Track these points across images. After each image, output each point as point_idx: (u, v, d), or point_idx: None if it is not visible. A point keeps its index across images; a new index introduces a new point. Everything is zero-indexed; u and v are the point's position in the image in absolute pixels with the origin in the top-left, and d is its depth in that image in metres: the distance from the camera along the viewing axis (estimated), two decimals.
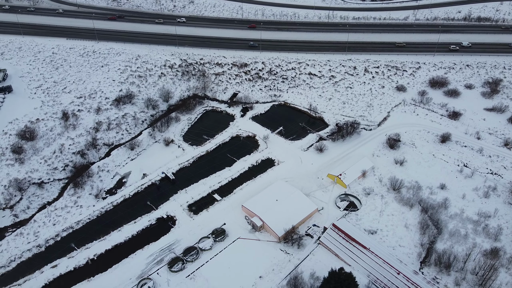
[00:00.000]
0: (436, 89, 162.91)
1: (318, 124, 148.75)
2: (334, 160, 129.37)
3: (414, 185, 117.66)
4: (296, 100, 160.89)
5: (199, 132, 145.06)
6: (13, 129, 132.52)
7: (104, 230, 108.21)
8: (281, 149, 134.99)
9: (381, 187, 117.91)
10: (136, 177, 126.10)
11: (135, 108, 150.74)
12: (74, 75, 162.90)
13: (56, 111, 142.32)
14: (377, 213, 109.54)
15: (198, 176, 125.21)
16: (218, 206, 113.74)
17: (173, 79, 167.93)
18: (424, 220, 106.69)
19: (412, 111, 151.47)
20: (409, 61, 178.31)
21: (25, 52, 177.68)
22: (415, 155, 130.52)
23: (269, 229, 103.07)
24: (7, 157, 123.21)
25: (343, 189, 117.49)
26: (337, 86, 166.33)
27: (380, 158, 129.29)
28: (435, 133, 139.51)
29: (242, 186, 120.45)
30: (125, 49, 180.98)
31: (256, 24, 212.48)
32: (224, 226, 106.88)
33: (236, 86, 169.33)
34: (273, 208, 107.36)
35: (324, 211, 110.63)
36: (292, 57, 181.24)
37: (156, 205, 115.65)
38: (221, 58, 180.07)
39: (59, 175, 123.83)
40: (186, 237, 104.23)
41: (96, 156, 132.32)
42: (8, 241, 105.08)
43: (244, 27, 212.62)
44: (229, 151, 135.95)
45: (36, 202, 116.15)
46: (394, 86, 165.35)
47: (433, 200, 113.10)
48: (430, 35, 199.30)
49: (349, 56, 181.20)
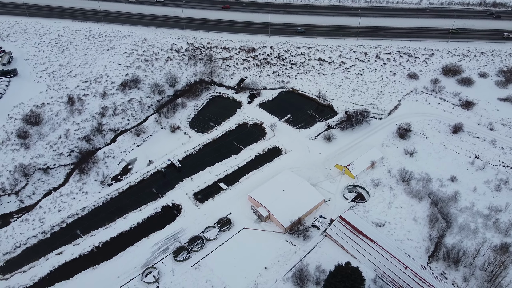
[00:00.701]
0: (449, 77, 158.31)
1: (326, 112, 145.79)
2: (343, 149, 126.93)
3: (424, 177, 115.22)
4: (304, 86, 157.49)
5: (205, 119, 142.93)
6: (19, 113, 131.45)
7: (109, 217, 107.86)
8: (289, 137, 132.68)
9: (390, 178, 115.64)
10: (142, 163, 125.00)
11: (141, 93, 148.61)
12: (79, 59, 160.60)
13: (61, 95, 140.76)
14: (385, 205, 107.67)
15: (204, 164, 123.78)
16: (223, 195, 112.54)
17: (180, 64, 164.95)
18: (433, 213, 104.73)
19: (424, 99, 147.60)
20: (422, 47, 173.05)
21: (31, 34, 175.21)
22: (426, 146, 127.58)
23: (275, 219, 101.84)
24: (12, 142, 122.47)
25: (351, 180, 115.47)
26: (347, 72, 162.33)
27: (389, 148, 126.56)
28: (447, 123, 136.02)
29: (248, 175, 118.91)
30: (131, 32, 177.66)
31: (264, 6, 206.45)
32: (230, 215, 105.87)
33: (244, 71, 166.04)
34: (279, 199, 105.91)
35: (331, 202, 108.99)
36: (302, 42, 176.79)
37: (161, 192, 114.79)
38: (228, 42, 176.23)
39: (65, 160, 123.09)
40: (191, 226, 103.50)
41: (101, 141, 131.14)
42: (14, 227, 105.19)
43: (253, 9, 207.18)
44: (235, 139, 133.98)
45: (42, 188, 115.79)
46: (406, 73, 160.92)
47: (443, 193, 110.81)
48: (444, 20, 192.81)
49: (360, 42, 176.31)
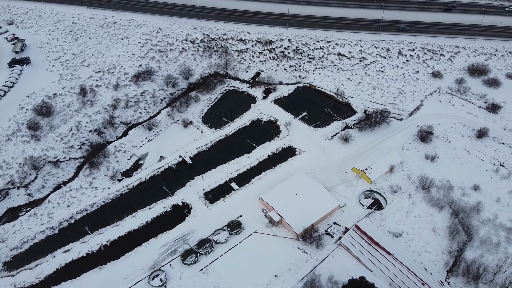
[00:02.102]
0: (475, 77, 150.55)
1: (344, 111, 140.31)
2: (360, 152, 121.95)
3: (445, 185, 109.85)
4: (322, 82, 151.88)
5: (218, 114, 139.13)
6: (30, 103, 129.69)
7: (118, 214, 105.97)
8: (304, 136, 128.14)
9: (409, 184, 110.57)
10: (153, 159, 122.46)
11: (154, 86, 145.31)
12: (93, 48, 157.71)
13: (74, 86, 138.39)
14: (404, 213, 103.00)
15: (216, 162, 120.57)
16: (235, 196, 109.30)
17: (194, 55, 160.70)
18: (454, 225, 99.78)
19: (447, 100, 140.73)
20: (448, 44, 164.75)
21: (45, 21, 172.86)
22: (448, 151, 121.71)
23: (287, 225, 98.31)
24: (23, 133, 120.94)
25: (368, 185, 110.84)
26: (367, 69, 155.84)
27: (410, 152, 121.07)
28: (471, 126, 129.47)
29: (261, 176, 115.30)
30: (146, 21, 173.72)
31: None
32: (240, 218, 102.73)
33: (260, 65, 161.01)
34: (292, 203, 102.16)
35: (346, 208, 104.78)
36: (321, 35, 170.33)
37: (172, 190, 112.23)
38: (245, 34, 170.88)
39: (75, 154, 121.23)
40: (201, 228, 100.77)
41: (113, 135, 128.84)
42: (22, 221, 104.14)
43: None
44: (249, 136, 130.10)
45: (51, 181, 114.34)
46: (430, 72, 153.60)
47: (465, 203, 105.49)
48: (472, 16, 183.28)
49: (383, 37, 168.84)
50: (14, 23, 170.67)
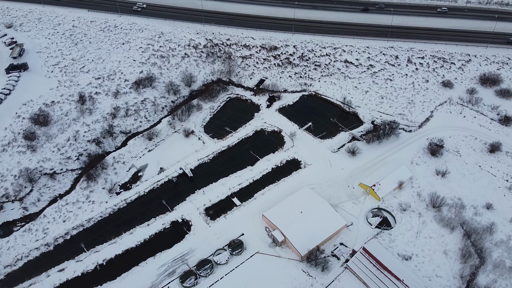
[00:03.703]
0: (486, 87, 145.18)
1: (351, 121, 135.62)
2: (368, 166, 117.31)
3: (457, 203, 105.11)
4: (328, 91, 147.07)
5: (221, 123, 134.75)
6: (27, 112, 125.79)
7: (115, 231, 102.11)
8: (309, 148, 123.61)
9: (419, 202, 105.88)
10: (152, 171, 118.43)
11: (155, 93, 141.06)
12: (93, 53, 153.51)
13: (72, 93, 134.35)
14: (413, 234, 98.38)
15: (218, 175, 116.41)
16: (237, 212, 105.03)
17: (197, 61, 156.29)
18: (466, 247, 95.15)
19: (458, 112, 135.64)
20: (458, 52, 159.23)
21: (45, 24, 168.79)
22: (459, 166, 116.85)
23: (291, 245, 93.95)
24: (19, 143, 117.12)
25: (376, 202, 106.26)
26: (375, 77, 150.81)
27: (419, 166, 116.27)
28: (483, 140, 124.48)
29: (264, 191, 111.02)
30: (148, 25, 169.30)
31: None
32: (242, 237, 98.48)
33: (264, 71, 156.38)
34: (296, 221, 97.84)
35: (353, 227, 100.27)
36: (327, 41, 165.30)
37: (171, 205, 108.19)
38: (249, 39, 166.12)
39: (73, 165, 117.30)
40: (201, 247, 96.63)
41: (112, 145, 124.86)
42: (16, 237, 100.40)
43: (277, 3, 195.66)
44: (252, 147, 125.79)
45: (47, 194, 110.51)
46: (440, 81, 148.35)
47: (478, 223, 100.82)
48: (483, 22, 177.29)
49: (391, 43, 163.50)
50: (13, 26, 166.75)
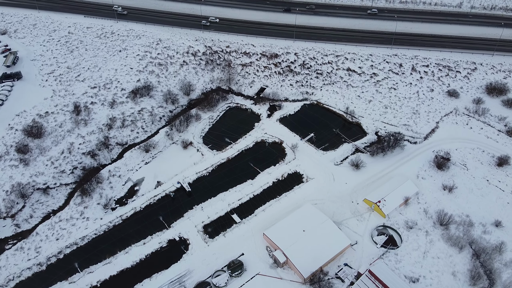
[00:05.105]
0: (493, 96, 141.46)
1: (354, 132, 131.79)
2: (372, 180, 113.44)
3: (465, 220, 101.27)
4: (330, 100, 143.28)
5: (220, 134, 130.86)
6: (20, 123, 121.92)
7: (110, 249, 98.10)
8: (311, 161, 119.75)
9: (426, 220, 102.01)
10: (149, 185, 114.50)
11: (153, 102, 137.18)
12: (89, 60, 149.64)
13: (67, 103, 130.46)
14: (420, 254, 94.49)
15: (217, 189, 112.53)
16: (236, 230, 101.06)
17: (196, 69, 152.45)
18: (475, 268, 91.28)
19: (464, 123, 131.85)
20: (464, 60, 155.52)
21: (40, 30, 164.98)
22: (467, 180, 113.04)
23: (294, 267, 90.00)
24: (11, 157, 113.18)
25: (381, 219, 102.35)
26: (379, 86, 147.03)
27: (425, 181, 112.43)
28: (491, 153, 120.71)
29: (265, 207, 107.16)
30: (145, 31, 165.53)
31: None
32: (242, 257, 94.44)
33: (264, 79, 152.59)
34: (299, 241, 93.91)
35: (358, 246, 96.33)
36: (329, 49, 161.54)
37: (168, 222, 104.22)
38: (249, 47, 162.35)
39: (67, 179, 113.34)
40: (199, 268, 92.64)
41: (107, 157, 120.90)
42: (8, 256, 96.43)
43: (278, 9, 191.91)
44: (252, 160, 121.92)
45: (40, 210, 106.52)
46: (445, 90, 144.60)
47: (486, 242, 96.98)
48: (488, 28, 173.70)
49: (395, 51, 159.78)
50: (8, 33, 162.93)
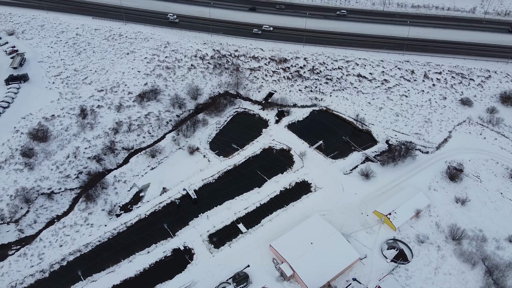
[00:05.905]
0: (508, 106, 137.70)
1: (364, 140, 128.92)
2: (383, 190, 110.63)
3: (478, 235, 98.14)
4: (340, 106, 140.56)
5: (227, 140, 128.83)
6: (26, 126, 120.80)
7: (114, 257, 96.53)
8: (320, 169, 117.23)
9: (438, 234, 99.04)
10: (154, 191, 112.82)
11: (160, 106, 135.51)
12: (97, 63, 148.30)
13: (73, 106, 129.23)
14: (432, 270, 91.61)
15: (223, 197, 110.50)
16: (242, 241, 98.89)
17: (204, 73, 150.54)
18: (488, 286, 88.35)
19: (478, 132, 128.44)
20: (478, 67, 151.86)
21: (48, 32, 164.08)
22: (480, 192, 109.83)
23: (301, 281, 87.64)
24: (16, 161, 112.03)
25: (391, 232, 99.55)
26: (390, 93, 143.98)
27: (437, 192, 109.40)
28: (505, 165, 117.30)
29: (272, 216, 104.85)
30: (153, 34, 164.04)
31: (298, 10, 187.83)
32: (248, 269, 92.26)
33: (273, 84, 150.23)
34: (306, 254, 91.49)
35: (367, 261, 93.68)
36: (340, 54, 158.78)
37: (173, 230, 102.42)
38: (258, 51, 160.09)
39: (72, 184, 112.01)
40: (204, 279, 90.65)
41: (113, 162, 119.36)
42: (11, 262, 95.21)
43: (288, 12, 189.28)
44: (259, 167, 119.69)
45: (44, 215, 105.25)
46: (458, 98, 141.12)
47: (500, 258, 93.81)
48: (503, 35, 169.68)
49: (407, 57, 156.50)
50: (15, 34, 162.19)
